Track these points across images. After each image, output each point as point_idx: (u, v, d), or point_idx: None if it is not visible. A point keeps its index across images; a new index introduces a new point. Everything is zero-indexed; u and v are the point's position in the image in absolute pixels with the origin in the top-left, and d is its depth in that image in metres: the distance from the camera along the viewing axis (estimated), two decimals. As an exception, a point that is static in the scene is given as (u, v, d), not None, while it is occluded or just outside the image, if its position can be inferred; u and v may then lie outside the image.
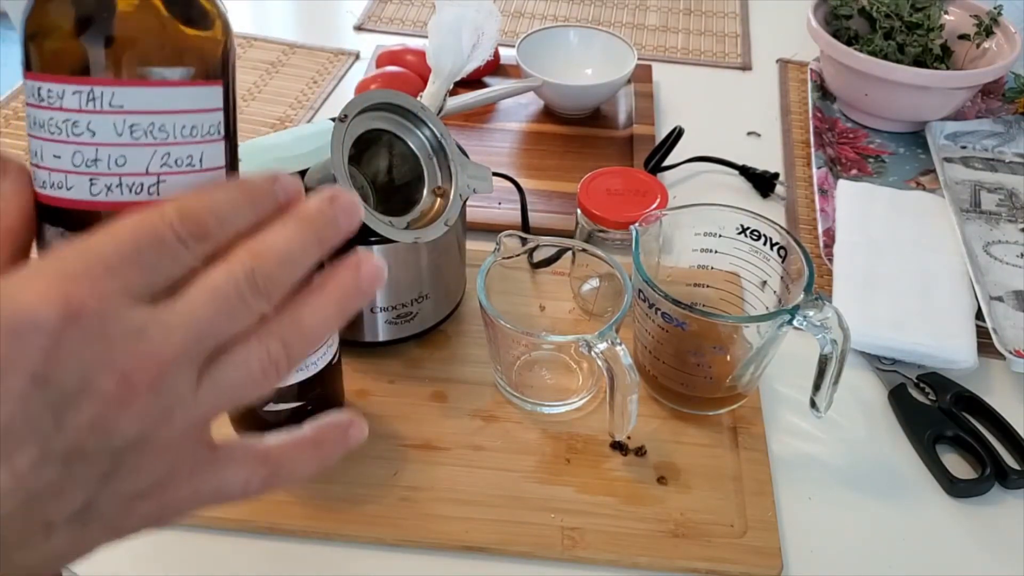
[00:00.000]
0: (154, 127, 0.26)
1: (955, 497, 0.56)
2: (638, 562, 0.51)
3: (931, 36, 0.84)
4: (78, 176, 0.26)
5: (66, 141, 0.26)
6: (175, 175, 0.26)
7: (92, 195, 0.26)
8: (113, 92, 0.25)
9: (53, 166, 0.26)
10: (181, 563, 0.51)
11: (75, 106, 0.25)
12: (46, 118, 0.26)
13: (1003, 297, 0.67)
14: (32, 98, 0.26)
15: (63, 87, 0.25)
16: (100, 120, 0.25)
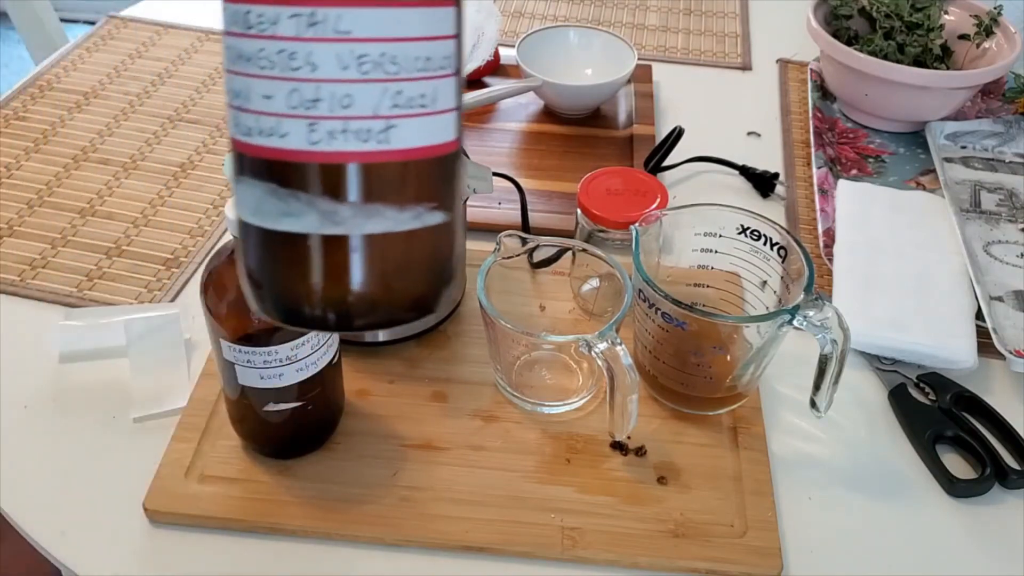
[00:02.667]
0: (385, 58, 0.20)
1: (955, 497, 0.56)
2: (638, 562, 0.51)
3: (931, 36, 0.84)
4: (294, 120, 0.21)
5: (280, 78, 0.20)
6: (407, 118, 0.21)
7: (311, 144, 0.21)
8: (339, 14, 0.20)
9: (263, 108, 0.21)
10: (181, 563, 0.51)
11: (292, 33, 0.20)
12: (254, 49, 0.20)
13: (1003, 297, 0.67)
14: (236, 25, 0.21)
15: (278, 9, 0.20)
16: (323, 50, 0.20)
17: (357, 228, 0.21)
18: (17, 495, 0.54)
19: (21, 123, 0.84)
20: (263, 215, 0.21)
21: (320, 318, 0.22)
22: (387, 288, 0.22)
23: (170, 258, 0.71)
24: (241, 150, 0.22)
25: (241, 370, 0.50)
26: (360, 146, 0.21)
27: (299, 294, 0.22)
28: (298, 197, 0.21)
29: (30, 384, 0.60)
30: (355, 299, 0.22)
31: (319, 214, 0.21)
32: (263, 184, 0.21)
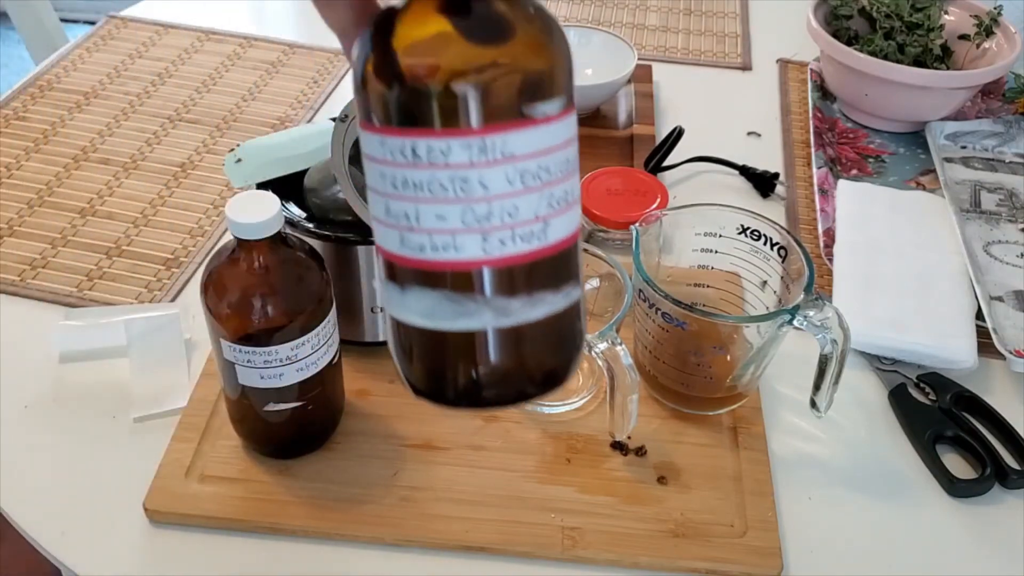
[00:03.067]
0: (541, 169, 0.23)
1: (955, 497, 0.56)
2: (638, 562, 0.51)
3: (931, 36, 0.84)
4: (468, 235, 0.23)
5: (454, 200, 0.22)
6: (556, 216, 0.24)
7: (485, 252, 0.23)
8: (505, 139, 0.22)
9: (436, 227, 0.23)
10: (181, 563, 0.51)
11: (464, 161, 0.22)
12: (424, 178, 0.22)
13: (1003, 297, 0.67)
14: (400, 157, 0.22)
15: (448, 142, 0.22)
16: (493, 173, 0.22)
17: (525, 317, 0.24)
18: (17, 495, 0.54)
19: (21, 123, 0.84)
20: (437, 319, 0.24)
21: (481, 399, 0.25)
22: (542, 363, 0.25)
23: (170, 258, 0.71)
24: (409, 265, 0.24)
25: (241, 370, 0.50)
26: (525, 247, 0.23)
27: (464, 381, 0.25)
28: (474, 299, 0.23)
29: (30, 384, 0.60)
30: (516, 379, 0.25)
31: (492, 311, 0.24)
32: (437, 292, 0.23)
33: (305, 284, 0.50)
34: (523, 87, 0.23)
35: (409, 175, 0.23)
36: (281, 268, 0.49)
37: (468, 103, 0.22)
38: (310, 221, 0.57)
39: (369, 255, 0.57)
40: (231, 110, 0.88)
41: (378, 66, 0.23)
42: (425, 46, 0.23)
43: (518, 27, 0.23)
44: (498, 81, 0.22)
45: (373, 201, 0.24)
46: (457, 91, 0.22)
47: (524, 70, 0.23)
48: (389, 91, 0.22)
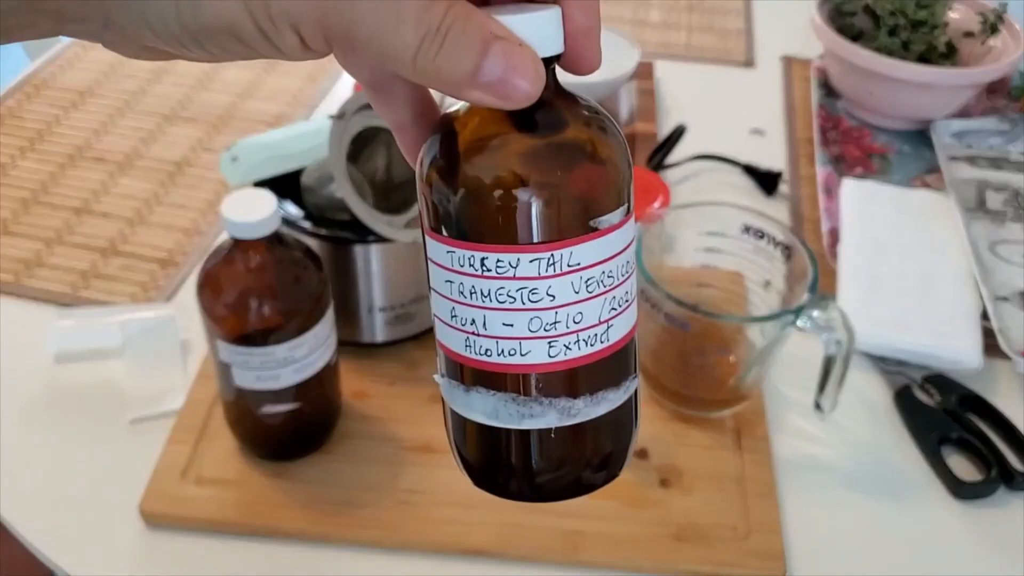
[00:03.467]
0: (604, 275, 0.24)
1: (960, 499, 0.56)
2: (640, 565, 0.51)
3: (936, 33, 0.84)
4: (535, 341, 0.24)
5: (521, 309, 0.23)
6: (617, 316, 0.25)
7: (551, 357, 0.24)
8: (571, 252, 0.23)
9: (504, 334, 0.24)
10: (176, 566, 0.50)
11: (533, 274, 0.23)
12: (494, 288, 0.23)
13: (1009, 297, 0.67)
14: (469, 267, 0.23)
15: (518, 256, 0.23)
16: (560, 283, 0.23)
17: (588, 415, 0.25)
18: (11, 497, 0.53)
19: (16, 122, 0.84)
20: (503, 419, 0.25)
21: (542, 492, 0.26)
22: (603, 457, 0.26)
23: (166, 258, 0.70)
24: (475, 366, 0.24)
25: (238, 371, 0.49)
26: (589, 350, 0.24)
27: (525, 476, 0.26)
28: (539, 402, 0.24)
29: (25, 385, 0.60)
30: (576, 472, 0.26)
31: (557, 412, 0.24)
32: (502, 394, 0.24)
33: (302, 284, 0.49)
34: (591, 202, 0.24)
35: (477, 284, 0.24)
36: (278, 268, 0.49)
37: (538, 220, 0.23)
38: (307, 220, 0.56)
39: (366, 255, 0.57)
40: (227, 108, 0.87)
41: (451, 180, 0.23)
42: (499, 165, 0.23)
43: (588, 147, 0.24)
44: (568, 199, 0.23)
45: (436, 302, 0.25)
46: (528, 209, 0.23)
47: (593, 187, 0.24)
48: (461, 206, 0.23)
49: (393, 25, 0.20)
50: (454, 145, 0.24)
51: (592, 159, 0.24)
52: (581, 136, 0.24)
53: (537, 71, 0.22)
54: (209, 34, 0.20)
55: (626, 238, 0.24)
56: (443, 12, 0.21)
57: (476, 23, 0.21)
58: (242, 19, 0.20)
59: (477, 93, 0.22)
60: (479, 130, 0.24)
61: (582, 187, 0.23)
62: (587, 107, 0.25)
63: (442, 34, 0.21)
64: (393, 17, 0.20)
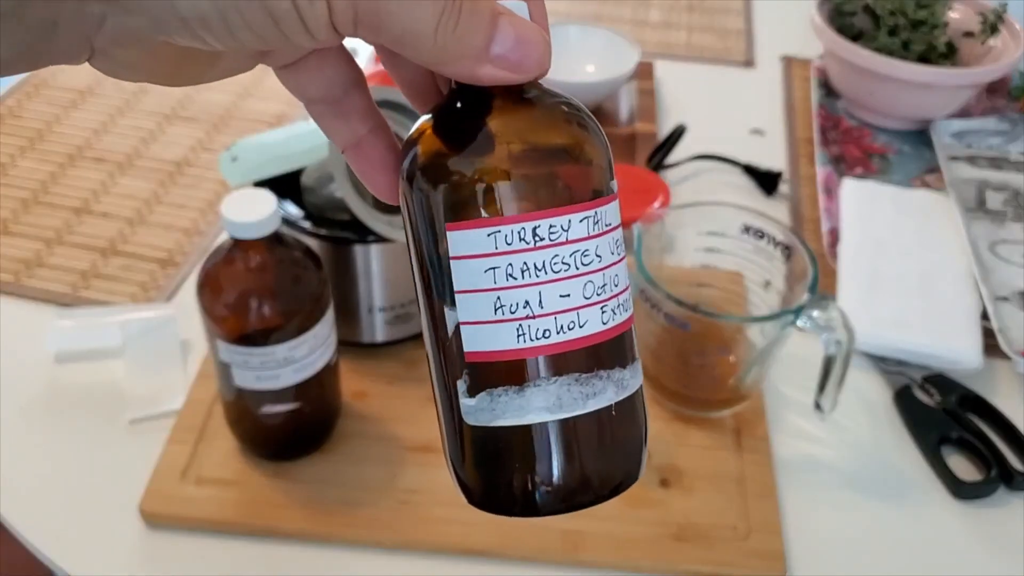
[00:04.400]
0: (620, 239, 0.25)
1: (960, 499, 0.56)
2: (640, 566, 0.51)
3: (936, 33, 0.84)
4: (590, 309, 0.23)
5: (576, 275, 0.23)
6: (629, 288, 0.25)
7: (603, 324, 0.24)
8: (605, 210, 0.24)
9: (562, 307, 0.23)
10: (176, 566, 0.50)
11: (583, 234, 0.23)
12: (547, 258, 0.23)
13: (1009, 297, 0.67)
14: (520, 242, 0.23)
15: (568, 218, 0.23)
16: (603, 243, 0.24)
17: (633, 387, 0.25)
18: (11, 497, 0.53)
19: (16, 121, 0.84)
20: (567, 406, 0.24)
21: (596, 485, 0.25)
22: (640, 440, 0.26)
23: (166, 257, 0.70)
24: (533, 355, 0.23)
25: (238, 371, 0.49)
26: (625, 315, 0.24)
27: (581, 476, 0.25)
28: (599, 376, 0.24)
29: (25, 385, 0.60)
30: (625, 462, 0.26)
31: (615, 385, 0.24)
32: (565, 378, 0.23)
33: (302, 284, 0.49)
34: (605, 167, 0.25)
35: (530, 258, 0.23)
36: (278, 268, 0.48)
37: (582, 177, 0.24)
38: (307, 220, 0.56)
39: (366, 255, 0.56)
40: (227, 108, 0.87)
41: (483, 157, 0.24)
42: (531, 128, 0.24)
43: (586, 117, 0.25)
44: (594, 159, 0.24)
45: (467, 306, 0.24)
46: (574, 166, 0.24)
47: (602, 151, 0.25)
48: (504, 177, 0.23)
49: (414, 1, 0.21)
50: (464, 133, 0.24)
51: (590, 127, 0.25)
52: (578, 106, 0.25)
53: (545, 40, 0.23)
54: (240, 8, 0.20)
55: (619, 213, 0.25)
56: None
57: (484, 0, 0.22)
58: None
59: (489, 68, 0.22)
60: (482, 113, 0.24)
61: (597, 151, 0.24)
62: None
63: (457, 8, 0.21)
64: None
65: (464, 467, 0.26)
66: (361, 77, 0.26)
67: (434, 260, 0.24)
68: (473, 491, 0.26)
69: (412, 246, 0.25)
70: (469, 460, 0.25)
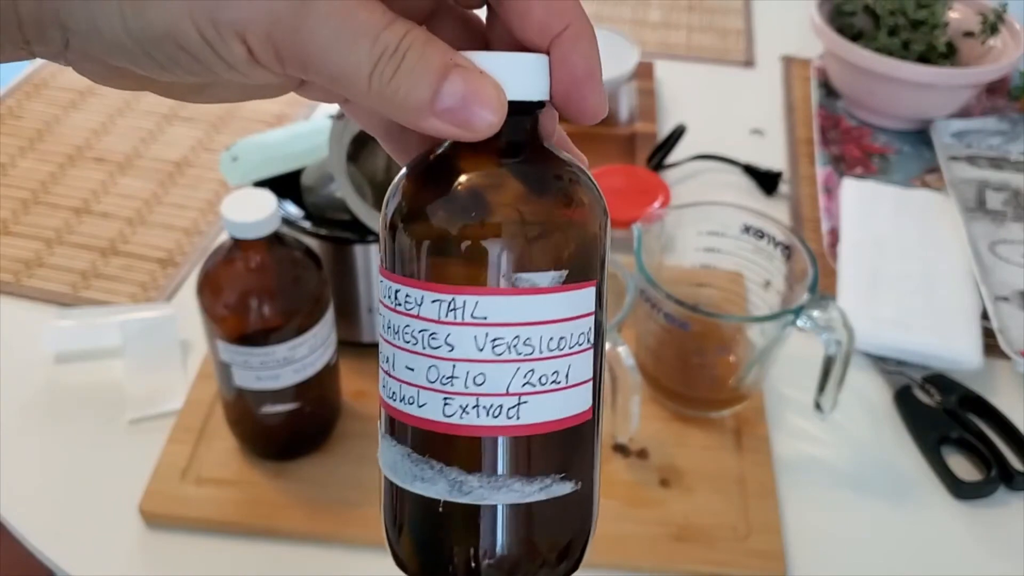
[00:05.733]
0: (519, 341, 0.22)
1: (960, 499, 0.56)
2: (640, 566, 0.51)
3: (936, 33, 0.84)
4: (431, 393, 0.22)
5: (421, 353, 0.22)
6: (537, 395, 0.22)
7: (445, 416, 0.22)
8: (476, 302, 0.21)
9: (405, 378, 0.22)
10: (176, 566, 0.50)
11: (434, 316, 0.22)
12: (402, 324, 0.22)
13: (1009, 297, 0.67)
14: (388, 299, 0.23)
15: (421, 293, 0.22)
16: (460, 333, 0.21)
17: (483, 499, 0.22)
18: (11, 497, 0.53)
19: (16, 121, 0.84)
20: (398, 475, 0.23)
21: (422, 570, 0.24)
22: (511, 553, 0.23)
23: (166, 257, 0.70)
24: (386, 410, 0.23)
25: (237, 371, 0.49)
26: (490, 421, 0.22)
27: (425, 551, 0.24)
28: (431, 465, 0.22)
29: (25, 385, 0.60)
30: (474, 563, 0.23)
31: (448, 483, 0.22)
32: (401, 447, 0.23)
33: (302, 284, 0.49)
34: (515, 256, 0.22)
35: (392, 319, 0.23)
36: (278, 268, 0.48)
37: (445, 260, 0.22)
38: (307, 220, 0.56)
39: (366, 255, 0.56)
40: (227, 108, 0.87)
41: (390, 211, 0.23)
42: (420, 198, 0.22)
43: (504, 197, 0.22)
44: (474, 245, 0.22)
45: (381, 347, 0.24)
46: (438, 246, 0.22)
47: (516, 241, 0.22)
48: (388, 232, 0.23)
49: (348, 40, 0.19)
50: (406, 175, 0.23)
51: (524, 213, 0.22)
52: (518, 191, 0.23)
53: (500, 99, 0.21)
54: (154, 42, 0.19)
55: (562, 309, 0.22)
56: (402, 33, 0.20)
57: (436, 48, 0.20)
58: (184, 24, 0.19)
59: (435, 121, 0.21)
60: (425, 161, 0.23)
61: (506, 237, 0.22)
62: (562, 172, 0.24)
63: (400, 55, 0.20)
64: (348, 32, 0.19)
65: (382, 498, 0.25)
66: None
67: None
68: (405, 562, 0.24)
69: None
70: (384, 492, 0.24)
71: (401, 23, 0.20)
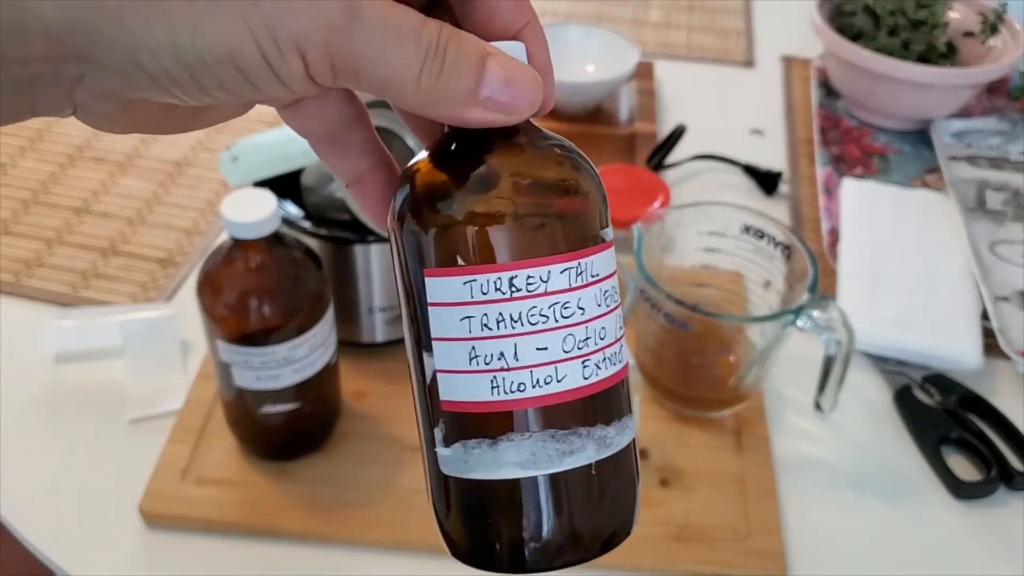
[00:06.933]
0: (614, 289, 0.24)
1: (960, 499, 0.56)
2: (640, 566, 0.51)
3: (936, 33, 0.84)
4: (570, 363, 0.22)
5: (554, 328, 0.22)
6: (621, 339, 0.24)
7: (585, 379, 0.23)
8: (592, 261, 0.23)
9: (537, 360, 0.22)
10: (177, 566, 0.50)
11: (564, 286, 0.22)
12: (523, 309, 0.22)
13: (1009, 297, 0.67)
14: (496, 292, 0.22)
15: (548, 269, 0.22)
16: (587, 295, 0.23)
17: (619, 444, 0.23)
18: (11, 497, 0.53)
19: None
20: (541, 463, 0.23)
21: (578, 546, 0.24)
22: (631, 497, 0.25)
23: (166, 257, 0.70)
24: (506, 408, 0.23)
25: (237, 371, 0.49)
26: (613, 369, 0.23)
27: (565, 532, 0.24)
28: (578, 433, 0.23)
29: (25, 385, 0.60)
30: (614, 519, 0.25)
31: (595, 443, 0.23)
32: (540, 434, 0.22)
33: (302, 284, 0.49)
34: (596, 214, 0.24)
35: (506, 309, 0.22)
36: (278, 268, 0.48)
37: (566, 228, 0.23)
38: (307, 220, 0.56)
39: (366, 255, 0.56)
40: (229, 107, 0.87)
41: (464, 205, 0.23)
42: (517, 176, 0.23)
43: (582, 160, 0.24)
44: (582, 208, 0.23)
45: (443, 353, 0.23)
46: (557, 218, 0.23)
47: (593, 198, 0.24)
48: (483, 227, 0.22)
49: (396, 42, 0.20)
50: (451, 177, 0.23)
51: (583, 171, 0.24)
52: (572, 149, 0.24)
53: (536, 79, 0.22)
54: (207, 65, 0.19)
55: (614, 257, 0.25)
56: (437, 29, 0.21)
57: (469, 40, 0.21)
58: (246, 43, 0.19)
59: (478, 111, 0.21)
60: (471, 156, 0.23)
61: (588, 197, 0.24)
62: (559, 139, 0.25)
63: (442, 51, 0.20)
64: (396, 34, 0.20)
65: (448, 518, 0.24)
66: (362, 112, 0.26)
67: (414, 302, 0.23)
68: (458, 543, 0.24)
69: (399, 283, 0.24)
70: (453, 511, 0.24)
71: (431, 20, 0.21)
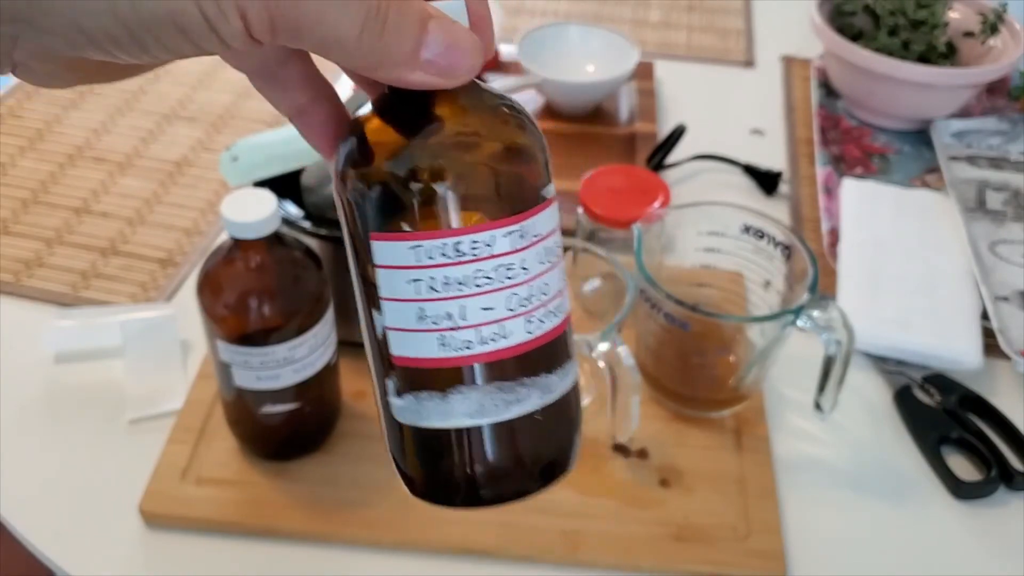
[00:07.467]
0: (555, 245, 0.25)
1: (960, 499, 0.56)
2: (640, 566, 0.51)
3: (936, 33, 0.84)
4: (514, 320, 0.23)
5: (499, 288, 0.23)
6: (564, 294, 0.25)
7: (528, 334, 0.24)
8: (535, 221, 0.24)
9: (483, 320, 0.23)
10: (177, 566, 0.50)
11: (508, 248, 0.23)
12: (469, 272, 0.23)
13: (1009, 297, 0.67)
14: (442, 257, 0.23)
15: (492, 233, 0.23)
16: (530, 255, 0.23)
17: (562, 390, 0.25)
18: (11, 497, 0.53)
19: (16, 121, 0.84)
20: (489, 413, 0.24)
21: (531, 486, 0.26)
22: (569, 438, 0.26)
23: (166, 257, 0.70)
24: (454, 364, 0.24)
25: (237, 371, 0.49)
26: (556, 321, 0.25)
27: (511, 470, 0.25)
28: (523, 383, 0.24)
29: (25, 385, 0.60)
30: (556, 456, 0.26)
31: (539, 391, 0.24)
32: (487, 386, 0.24)
33: (302, 284, 0.49)
34: (538, 173, 0.24)
35: (452, 273, 0.23)
36: (278, 268, 0.48)
37: (507, 192, 0.23)
38: (307, 220, 0.56)
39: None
40: (227, 108, 0.87)
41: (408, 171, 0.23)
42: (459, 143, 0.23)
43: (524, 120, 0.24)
44: (524, 169, 0.24)
45: (392, 312, 0.24)
46: (499, 181, 0.23)
47: (535, 157, 0.24)
48: (428, 193, 0.23)
49: (338, 2, 0.20)
50: (394, 137, 0.23)
51: (528, 130, 0.24)
52: (517, 107, 0.25)
53: (476, 44, 0.22)
54: (147, 26, 0.19)
55: (557, 215, 0.25)
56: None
57: (412, 3, 0.21)
58: (186, 3, 0.19)
59: (419, 73, 0.22)
60: (415, 116, 0.23)
61: (530, 157, 0.24)
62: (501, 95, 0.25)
63: (383, 13, 0.21)
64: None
65: (405, 460, 0.26)
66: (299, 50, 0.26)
67: (362, 262, 0.24)
68: (415, 482, 0.26)
69: (346, 240, 0.25)
70: (408, 454, 0.26)
71: None
